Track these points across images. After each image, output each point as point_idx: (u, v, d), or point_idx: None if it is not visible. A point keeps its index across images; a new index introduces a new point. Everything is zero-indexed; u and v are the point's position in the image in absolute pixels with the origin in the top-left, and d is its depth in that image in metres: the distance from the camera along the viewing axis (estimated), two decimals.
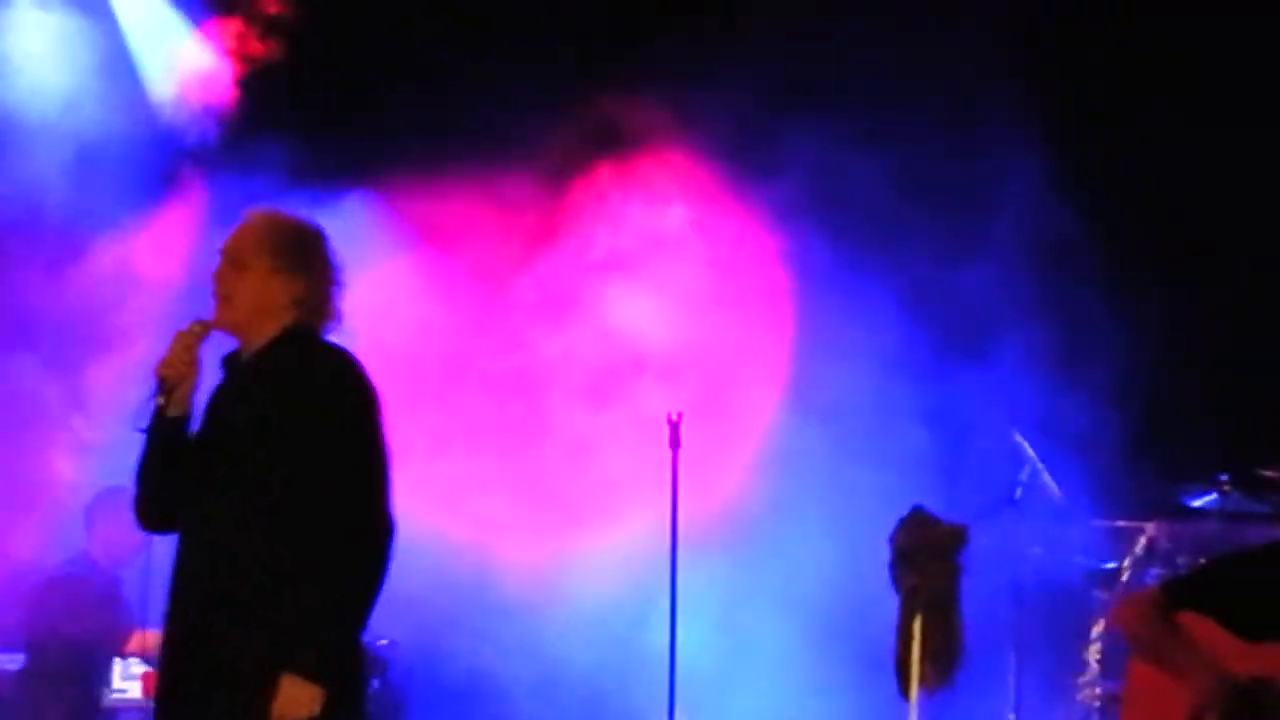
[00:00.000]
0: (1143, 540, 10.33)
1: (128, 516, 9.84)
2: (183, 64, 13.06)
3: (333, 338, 6.89)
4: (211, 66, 13.00)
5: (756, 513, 11.81)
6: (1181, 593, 7.79)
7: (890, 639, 9.36)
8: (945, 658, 9.23)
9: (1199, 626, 7.54)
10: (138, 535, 10.31)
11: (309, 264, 6.94)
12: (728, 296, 12.53)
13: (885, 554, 9.43)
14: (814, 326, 12.30)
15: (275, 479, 6.67)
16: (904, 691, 9.27)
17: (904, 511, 9.47)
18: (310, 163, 12.31)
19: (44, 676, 11.02)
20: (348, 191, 12.34)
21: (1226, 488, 10.33)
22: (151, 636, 10.54)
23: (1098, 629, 10.22)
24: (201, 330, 6.74)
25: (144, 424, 6.81)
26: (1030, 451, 10.79)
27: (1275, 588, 7.71)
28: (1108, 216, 12.22)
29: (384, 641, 11.23)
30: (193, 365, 6.77)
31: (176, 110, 12.89)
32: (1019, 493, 10.58)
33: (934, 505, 9.56)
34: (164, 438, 6.81)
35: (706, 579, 11.07)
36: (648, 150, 12.57)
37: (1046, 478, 10.72)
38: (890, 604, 9.41)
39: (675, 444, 10.41)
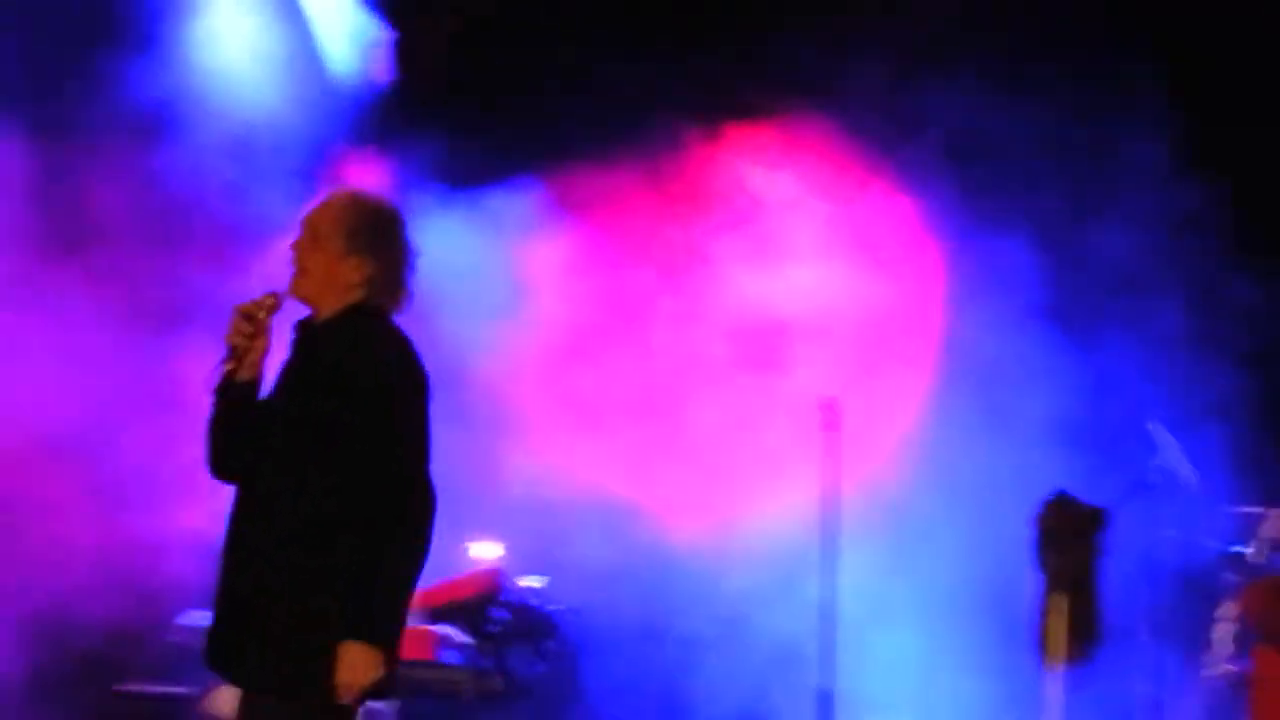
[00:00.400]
0: (1270, 526, 10.38)
1: None
2: (357, 53, 13.40)
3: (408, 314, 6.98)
4: (382, 57, 13.41)
5: (907, 487, 11.85)
6: None
7: (1032, 616, 9.57)
8: (1084, 635, 9.42)
9: None
10: None
11: (382, 246, 7.10)
12: (877, 264, 12.55)
13: (1028, 534, 9.63)
14: (960, 293, 12.46)
15: (321, 443, 6.85)
16: (1046, 666, 9.48)
17: (1048, 493, 9.66)
18: (469, 149, 12.59)
19: None
20: (510, 177, 12.70)
21: None
22: None
23: (1227, 610, 10.18)
24: (273, 302, 6.90)
25: (215, 387, 7.01)
26: (1166, 437, 10.78)
27: None
28: (1242, 186, 12.03)
29: (559, 606, 11.69)
30: (261, 334, 6.94)
31: (350, 97, 13.22)
32: (1155, 478, 10.55)
33: (1074, 486, 9.72)
34: (232, 400, 7.01)
35: (858, 550, 11.06)
36: (787, 120, 12.60)
37: (1182, 462, 10.69)
38: (1032, 582, 9.61)
39: (829, 426, 10.51)
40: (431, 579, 10.45)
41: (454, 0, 13.49)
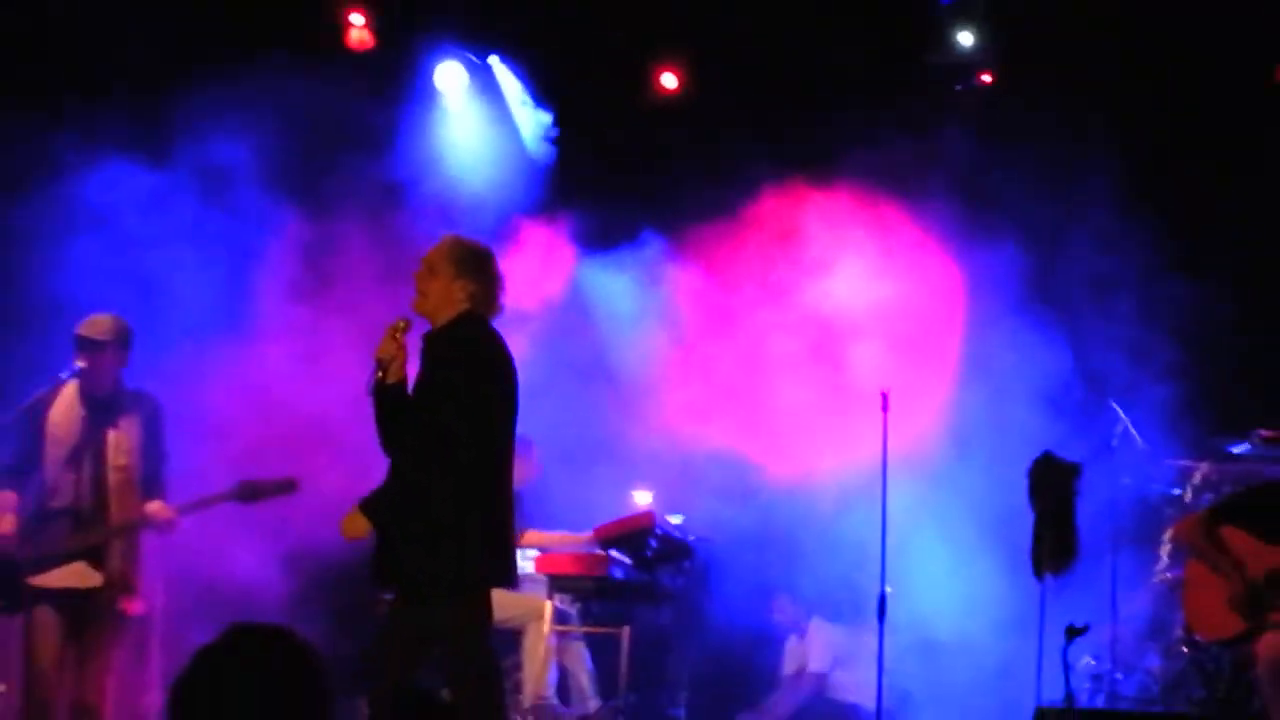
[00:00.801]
0: (1199, 474, 10.74)
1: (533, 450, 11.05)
2: (532, 140, 13.54)
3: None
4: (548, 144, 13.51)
5: (938, 447, 11.99)
6: (1222, 512, 8.76)
7: (1028, 542, 10.11)
8: (1065, 554, 9.98)
9: (1233, 535, 8.55)
10: (531, 468, 11.35)
11: (480, 273, 7.73)
12: (912, 286, 12.59)
13: (1025, 483, 10.22)
14: (977, 310, 12.42)
15: (414, 421, 7.55)
16: (1038, 576, 10.00)
17: (1038, 454, 10.25)
18: (609, 212, 12.96)
19: None
20: (642, 232, 12.98)
21: (1256, 440, 10.70)
22: (534, 535, 11.48)
23: (1167, 535, 10.51)
24: (405, 325, 7.60)
25: (370, 390, 7.64)
26: (1122, 414, 11.04)
27: (1275, 508, 8.59)
28: (1178, 213, 12.15)
29: (693, 536, 11.65)
30: (400, 349, 7.63)
31: (526, 173, 13.39)
32: (1115, 441, 10.93)
33: (1057, 447, 10.33)
34: (386, 400, 7.63)
35: (907, 497, 11.17)
36: (840, 181, 12.61)
37: (1133, 431, 11.00)
38: (1028, 518, 10.16)
39: (885, 409, 10.55)
40: (603, 518, 11.07)
41: (600, 103, 13.36)
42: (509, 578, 7.93)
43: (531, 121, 13.58)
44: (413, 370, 7.77)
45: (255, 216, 11.34)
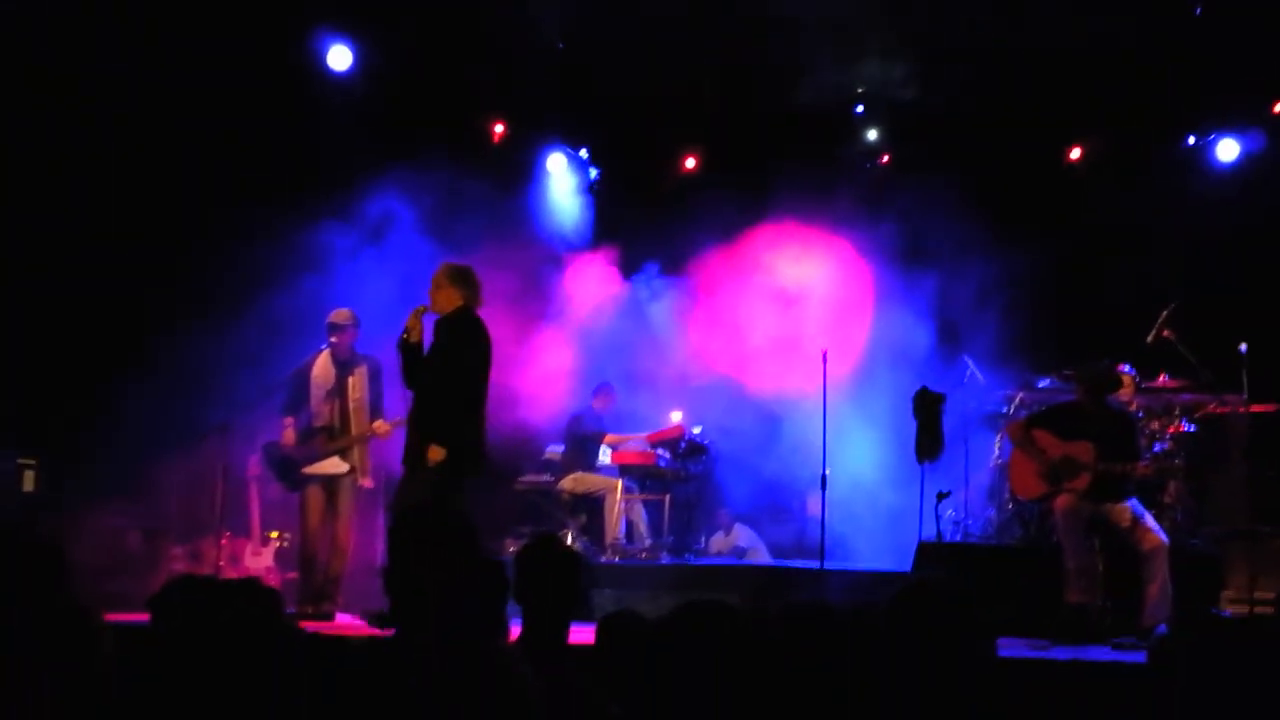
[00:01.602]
0: (1018, 398, 10.60)
1: (608, 390, 11.22)
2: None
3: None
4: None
5: (859, 382, 11.78)
6: (1034, 420, 8.75)
7: (913, 440, 10.15)
8: (933, 448, 10.07)
9: (1040, 435, 8.52)
10: (610, 400, 11.82)
11: (468, 283, 7.94)
12: (841, 293, 12.42)
13: (910, 404, 10.24)
14: (881, 296, 12.27)
15: (432, 374, 7.78)
16: (919, 461, 10.04)
17: (917, 387, 10.31)
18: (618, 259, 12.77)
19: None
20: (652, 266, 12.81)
21: (1056, 377, 10.53)
22: (612, 437, 11.49)
23: (999, 436, 10.38)
24: (423, 310, 7.84)
25: (401, 345, 7.86)
26: (970, 363, 11.03)
27: (1066, 418, 8.50)
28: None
29: (708, 440, 11.70)
30: (419, 323, 7.83)
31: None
32: (966, 378, 10.93)
33: (930, 383, 10.36)
34: (409, 353, 7.84)
35: (837, 414, 10.74)
36: (800, 221, 12.35)
37: (978, 372, 10.98)
38: (913, 425, 10.18)
39: (824, 362, 10.29)
40: (652, 428, 11.53)
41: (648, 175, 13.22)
42: (481, 469, 8.02)
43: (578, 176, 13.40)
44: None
45: (425, 255, 10.94)
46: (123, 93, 9.81)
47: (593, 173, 13.36)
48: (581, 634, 4.31)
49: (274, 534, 10.28)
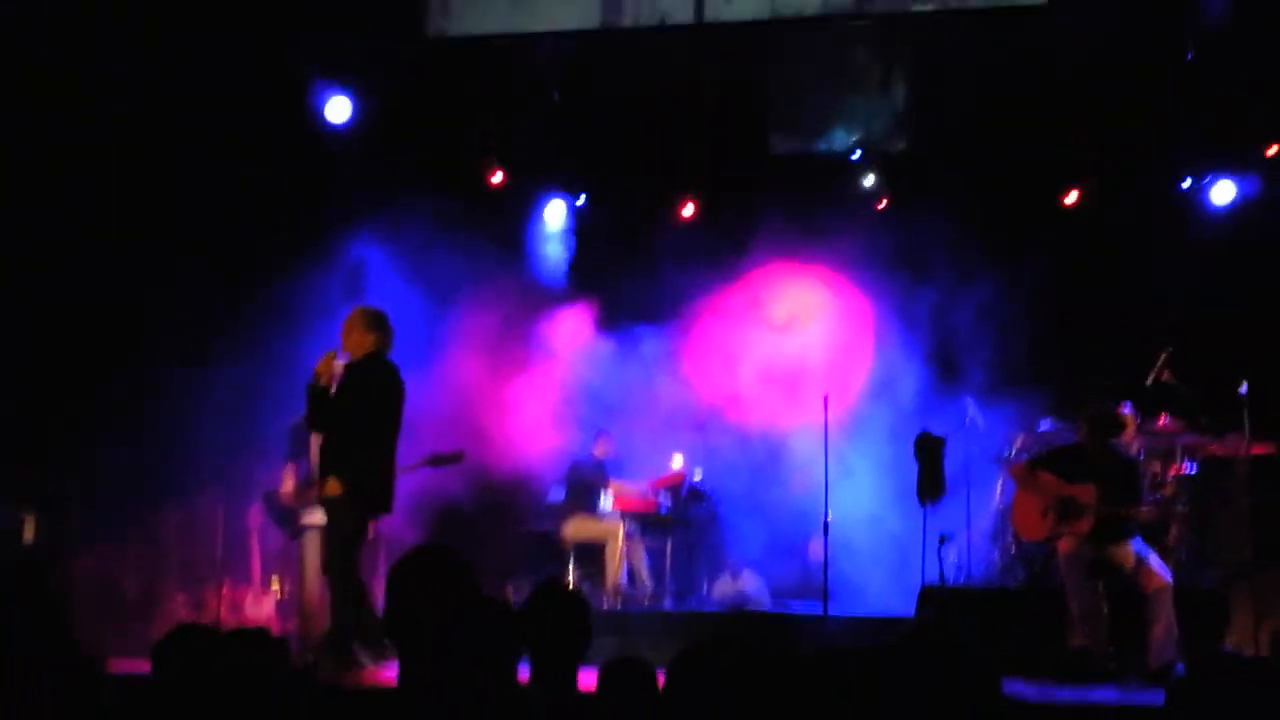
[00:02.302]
0: (1019, 440, 10.64)
1: (608, 437, 11.23)
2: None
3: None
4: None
5: (863, 426, 11.73)
6: (1038, 461, 8.78)
7: (914, 483, 10.16)
8: (936, 489, 10.08)
9: (1043, 476, 8.55)
10: (610, 446, 11.59)
11: (381, 328, 8.02)
12: (841, 336, 12.34)
13: (911, 447, 10.27)
14: (882, 336, 12.20)
15: (348, 416, 7.81)
16: (921, 504, 10.04)
17: (919, 430, 10.37)
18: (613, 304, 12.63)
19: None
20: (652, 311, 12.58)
21: (1059, 418, 10.54)
22: (615, 485, 11.43)
23: (1001, 478, 10.48)
24: (334, 354, 7.91)
25: (309, 389, 7.90)
26: (971, 405, 10.89)
27: (1069, 460, 8.51)
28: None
29: (708, 485, 11.72)
30: (330, 368, 7.89)
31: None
32: (967, 422, 10.79)
33: (932, 426, 10.43)
34: (317, 396, 7.88)
35: (840, 448, 10.97)
36: (794, 261, 12.38)
37: (978, 414, 10.85)
38: (914, 468, 10.20)
39: (825, 407, 10.24)
40: (656, 475, 11.41)
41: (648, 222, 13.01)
42: (388, 506, 8.12)
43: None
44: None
45: (420, 305, 11.18)
46: (123, 140, 9.91)
47: (587, 217, 13.23)
48: (583, 678, 4.27)
49: (275, 584, 10.17)
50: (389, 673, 7.69)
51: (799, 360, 12.34)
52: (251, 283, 10.18)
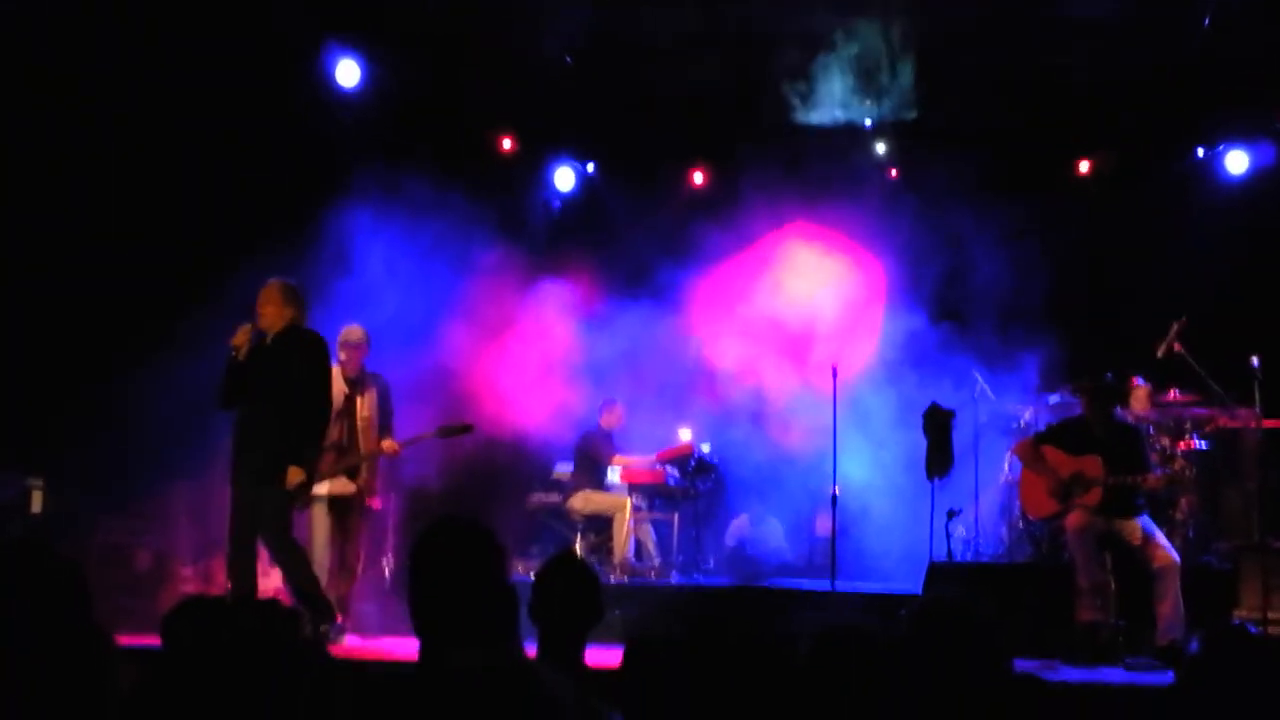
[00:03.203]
0: (1027, 414, 10.73)
1: (617, 408, 11.25)
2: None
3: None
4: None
5: (871, 397, 11.75)
6: (1042, 437, 8.73)
7: (924, 456, 10.08)
8: (945, 465, 10.03)
9: (1050, 451, 8.52)
10: (618, 417, 11.73)
11: (297, 301, 7.94)
12: (850, 305, 12.47)
13: (920, 421, 10.19)
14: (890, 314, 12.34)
15: (274, 390, 7.72)
16: (929, 478, 9.98)
17: (927, 403, 10.27)
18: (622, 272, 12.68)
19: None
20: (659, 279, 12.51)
21: (1064, 392, 10.63)
22: (620, 458, 11.44)
23: (1009, 454, 10.36)
24: (250, 327, 7.81)
25: (227, 363, 7.83)
26: (980, 378, 10.96)
27: (1074, 433, 8.48)
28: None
29: (715, 457, 11.68)
30: (246, 342, 7.81)
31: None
32: (976, 394, 10.85)
33: (940, 399, 10.30)
34: (234, 370, 7.82)
35: (849, 423, 10.98)
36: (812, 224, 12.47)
37: (987, 388, 10.94)
38: (923, 442, 10.10)
39: (835, 377, 10.22)
40: (664, 446, 11.48)
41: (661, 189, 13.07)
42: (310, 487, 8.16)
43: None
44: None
45: (434, 271, 11.16)
46: (126, 119, 9.81)
47: (597, 184, 13.35)
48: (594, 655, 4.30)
49: None
50: (403, 648, 7.76)
51: (808, 329, 12.45)
52: (257, 254, 10.16)
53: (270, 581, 9.72)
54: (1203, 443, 10.01)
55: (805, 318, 12.52)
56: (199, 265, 9.96)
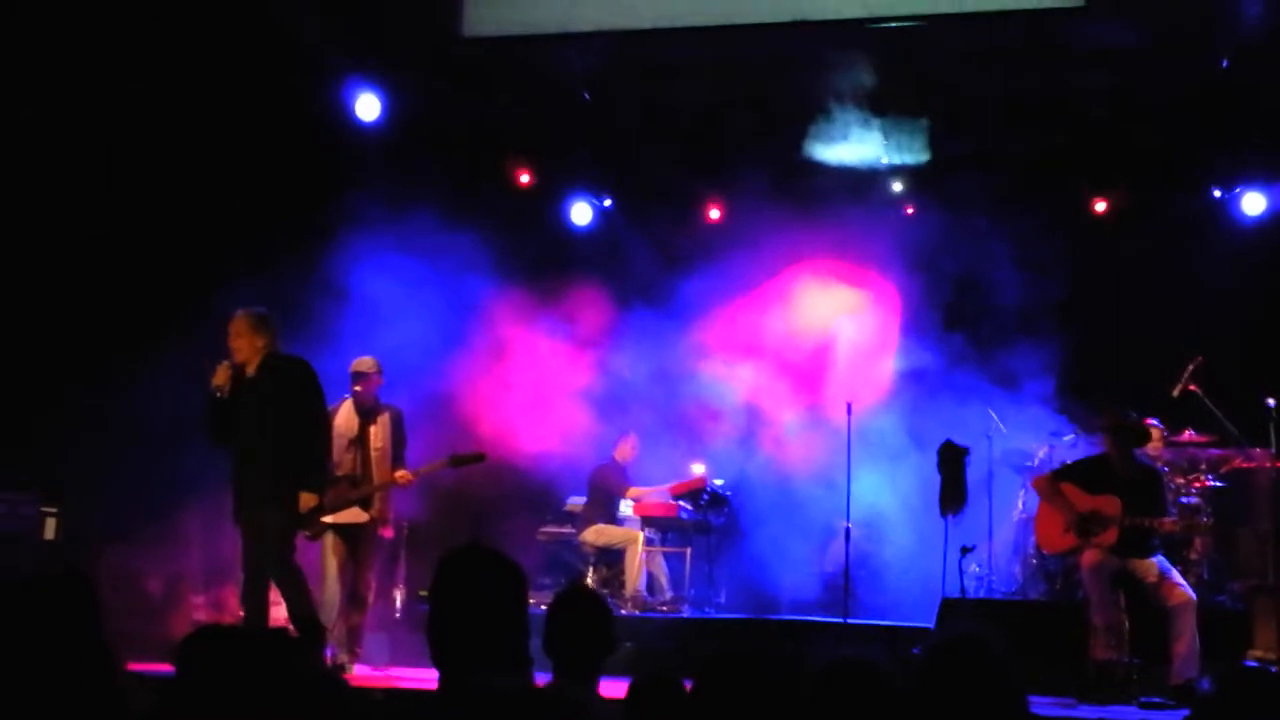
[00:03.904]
0: (1041, 451, 10.69)
1: (631, 440, 11.24)
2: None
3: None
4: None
5: (885, 434, 11.75)
6: (1060, 474, 8.71)
7: (937, 493, 10.08)
8: (958, 501, 10.03)
9: (1067, 488, 8.49)
10: (631, 450, 11.88)
11: (268, 329, 7.90)
12: (865, 340, 12.58)
13: (934, 458, 10.19)
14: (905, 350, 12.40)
15: (269, 419, 7.73)
16: (942, 514, 10.00)
17: (940, 441, 10.24)
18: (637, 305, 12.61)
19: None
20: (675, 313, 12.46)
21: (1077, 432, 10.61)
22: (634, 490, 11.51)
23: (1023, 489, 10.52)
24: (229, 364, 7.77)
25: (209, 400, 7.78)
26: (995, 416, 10.93)
27: (1093, 471, 8.45)
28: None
29: (729, 491, 11.74)
30: (228, 380, 7.77)
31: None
32: (990, 432, 10.78)
33: (955, 435, 10.28)
34: (220, 409, 7.77)
35: (866, 460, 11.15)
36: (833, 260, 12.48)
37: (1000, 424, 10.91)
38: (936, 479, 10.09)
39: (849, 414, 10.33)
40: (675, 480, 11.49)
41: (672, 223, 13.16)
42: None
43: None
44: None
45: (451, 301, 11.26)
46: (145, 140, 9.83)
47: (614, 219, 13.43)
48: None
49: None
50: (413, 678, 7.78)
51: (822, 363, 12.53)
52: (277, 282, 10.21)
53: (280, 611, 9.73)
54: (1217, 482, 9.97)
55: (820, 351, 12.56)
56: (209, 289, 9.96)
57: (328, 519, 8.94)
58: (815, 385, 12.34)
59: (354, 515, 9.04)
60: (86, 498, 9.52)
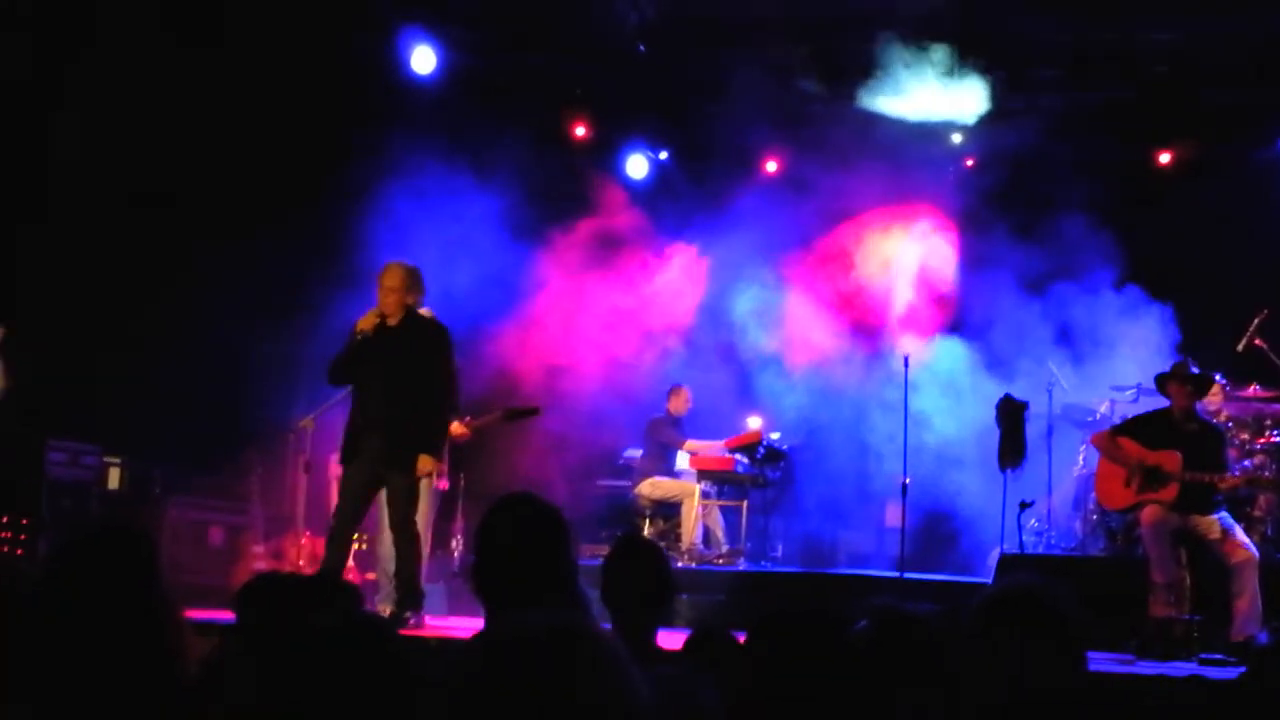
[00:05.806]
0: (1103, 406, 10.58)
1: (684, 392, 11.27)
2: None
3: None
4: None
5: (944, 388, 11.78)
6: (1120, 429, 8.68)
7: (996, 448, 10.13)
8: (1017, 456, 10.05)
9: (1127, 443, 8.42)
10: (686, 402, 11.81)
11: (418, 285, 7.94)
12: (927, 285, 12.41)
13: (994, 412, 10.22)
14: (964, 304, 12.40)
15: (402, 374, 7.74)
16: (1001, 469, 10.06)
17: (1000, 395, 10.28)
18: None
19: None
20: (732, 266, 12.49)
21: (1140, 387, 10.21)
22: (690, 443, 11.53)
23: (1083, 445, 10.31)
24: (376, 312, 7.76)
25: (348, 340, 7.86)
26: (1055, 369, 10.85)
27: (1154, 426, 8.41)
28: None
29: (785, 444, 11.64)
30: (373, 324, 7.72)
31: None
32: (1051, 386, 10.56)
33: (1013, 390, 10.35)
34: (356, 350, 7.78)
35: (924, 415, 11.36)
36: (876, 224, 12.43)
37: (1063, 381, 10.83)
38: (995, 433, 10.17)
39: (906, 367, 10.56)
40: (732, 434, 11.56)
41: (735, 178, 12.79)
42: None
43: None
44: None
45: (509, 253, 11.32)
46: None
47: (670, 171, 13.43)
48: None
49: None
50: (470, 628, 7.86)
51: (881, 317, 12.50)
52: (334, 237, 10.25)
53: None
54: None
55: (879, 304, 12.54)
56: (275, 256, 10.02)
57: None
58: (874, 338, 12.37)
59: None
60: (150, 448, 9.62)
